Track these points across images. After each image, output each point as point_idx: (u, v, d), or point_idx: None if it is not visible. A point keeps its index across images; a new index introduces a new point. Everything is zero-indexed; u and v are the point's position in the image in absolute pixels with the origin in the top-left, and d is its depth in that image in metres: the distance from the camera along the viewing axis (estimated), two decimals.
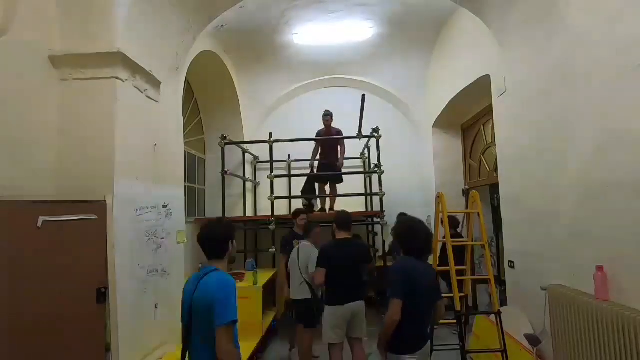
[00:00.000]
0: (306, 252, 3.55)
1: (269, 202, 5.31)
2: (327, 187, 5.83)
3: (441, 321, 3.60)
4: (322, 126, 5.83)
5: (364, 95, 5.34)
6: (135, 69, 2.96)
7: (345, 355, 3.18)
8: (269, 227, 5.20)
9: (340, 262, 3.07)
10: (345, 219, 3.30)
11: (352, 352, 3.19)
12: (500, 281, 4.25)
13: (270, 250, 5.18)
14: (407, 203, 6.59)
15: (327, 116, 5.74)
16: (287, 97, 7.01)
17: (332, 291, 3.02)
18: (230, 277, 1.88)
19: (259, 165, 6.88)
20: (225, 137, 5.52)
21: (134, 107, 3.00)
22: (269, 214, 5.34)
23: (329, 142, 5.73)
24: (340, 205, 5.91)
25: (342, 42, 5.71)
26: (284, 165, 6.84)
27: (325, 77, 6.82)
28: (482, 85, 4.26)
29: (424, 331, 2.18)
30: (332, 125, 5.77)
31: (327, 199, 5.81)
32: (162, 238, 3.38)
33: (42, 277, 2.29)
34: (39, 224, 2.27)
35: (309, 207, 5.89)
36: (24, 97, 2.47)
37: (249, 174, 6.74)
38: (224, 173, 5.50)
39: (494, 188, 4.54)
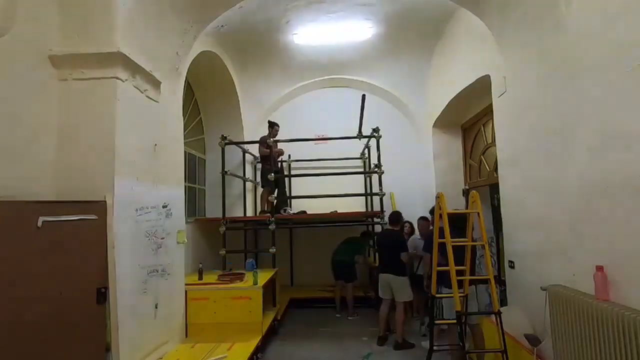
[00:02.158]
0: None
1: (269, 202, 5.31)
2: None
3: (441, 321, 3.64)
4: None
5: (364, 95, 5.34)
6: (135, 69, 2.96)
7: None
8: (269, 227, 5.20)
9: (385, 245, 4.54)
10: (392, 217, 4.70)
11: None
12: (500, 281, 4.25)
13: (270, 250, 5.18)
14: (407, 203, 6.60)
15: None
16: (287, 97, 7.01)
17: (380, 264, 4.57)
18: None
19: (259, 165, 6.88)
20: (225, 137, 5.52)
21: (134, 107, 3.00)
22: (269, 214, 5.34)
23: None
24: (340, 205, 5.95)
25: (342, 42, 5.71)
26: (284, 165, 6.85)
27: (325, 77, 6.83)
28: (482, 85, 4.26)
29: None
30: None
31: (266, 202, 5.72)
32: (162, 238, 3.38)
33: (42, 277, 2.29)
34: (39, 224, 2.27)
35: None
36: (24, 97, 2.47)
37: (249, 174, 6.74)
38: (224, 173, 5.51)
39: (494, 188, 4.54)
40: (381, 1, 4.74)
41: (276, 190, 5.67)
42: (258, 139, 5.88)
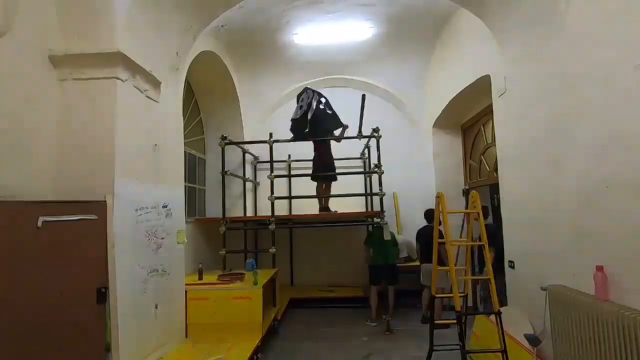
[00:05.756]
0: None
1: (269, 202, 5.31)
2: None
3: (441, 321, 3.64)
4: None
5: (364, 95, 5.34)
6: (135, 69, 2.96)
7: None
8: (269, 227, 5.20)
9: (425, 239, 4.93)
10: (428, 214, 5.06)
11: None
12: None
13: (270, 250, 5.18)
14: (407, 203, 6.60)
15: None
16: (287, 97, 7.00)
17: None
18: None
19: (259, 165, 6.88)
20: (225, 137, 5.52)
21: (134, 107, 3.00)
22: (269, 214, 5.34)
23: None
24: (340, 205, 5.94)
25: (342, 42, 5.71)
26: (284, 165, 6.84)
27: (326, 77, 6.82)
28: (482, 85, 4.26)
29: None
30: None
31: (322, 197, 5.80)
32: (162, 238, 3.38)
33: (42, 277, 2.29)
34: (39, 224, 2.27)
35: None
36: (23, 97, 2.47)
37: (249, 174, 6.74)
38: (224, 173, 5.50)
39: (494, 188, 4.54)
40: (381, 1, 4.74)
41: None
42: (259, 140, 5.85)
